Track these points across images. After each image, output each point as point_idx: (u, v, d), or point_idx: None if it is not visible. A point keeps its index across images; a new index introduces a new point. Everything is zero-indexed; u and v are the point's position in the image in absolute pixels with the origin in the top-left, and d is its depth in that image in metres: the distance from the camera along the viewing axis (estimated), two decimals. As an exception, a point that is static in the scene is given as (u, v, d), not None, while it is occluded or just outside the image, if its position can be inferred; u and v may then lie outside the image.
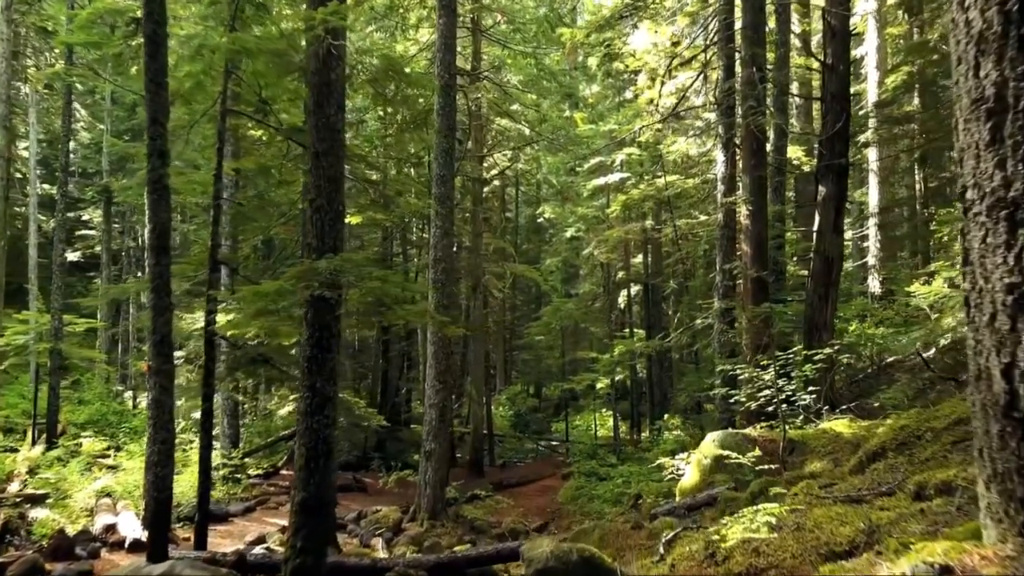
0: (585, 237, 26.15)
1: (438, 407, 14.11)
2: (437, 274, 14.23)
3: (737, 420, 11.89)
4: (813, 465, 7.38)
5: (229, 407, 16.70)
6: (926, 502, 3.32)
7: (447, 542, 13.32)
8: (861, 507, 3.72)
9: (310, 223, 6.90)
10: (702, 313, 15.02)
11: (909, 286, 20.52)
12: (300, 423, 6.79)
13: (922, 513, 3.11)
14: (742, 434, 8.47)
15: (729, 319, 12.76)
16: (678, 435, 21.46)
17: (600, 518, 15.62)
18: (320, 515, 6.65)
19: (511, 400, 35.70)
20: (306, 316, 6.85)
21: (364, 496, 16.49)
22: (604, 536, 7.20)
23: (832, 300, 12.16)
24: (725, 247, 13.13)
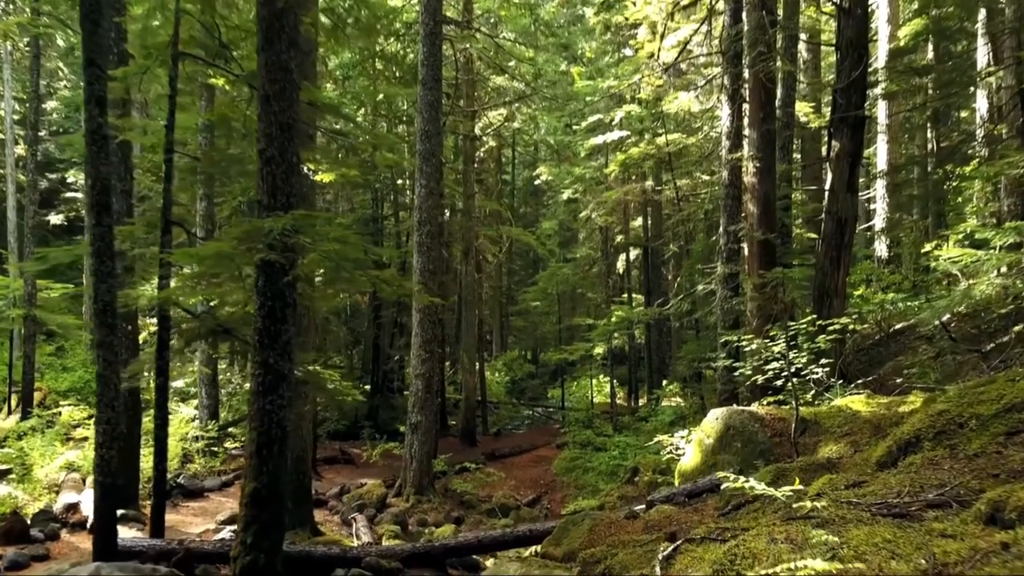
0: (582, 199, 25.19)
1: (424, 377, 13.37)
2: (422, 237, 13.38)
3: (741, 394, 11.14)
4: (828, 448, 6.61)
5: (207, 376, 15.96)
6: (1007, 531, 2.55)
7: (433, 518, 12.70)
8: (911, 526, 2.95)
9: (260, 177, 6.04)
10: (704, 278, 14.18)
11: (920, 249, 19.72)
12: (251, 404, 6.01)
13: (1006, 550, 2.33)
14: (748, 411, 7.70)
15: (733, 285, 11.93)
16: (677, 403, 20.81)
17: (595, 492, 15.01)
18: (274, 507, 5.89)
19: (507, 366, 35.07)
20: (257, 283, 6.02)
21: (351, 469, 15.86)
22: (594, 528, 6.46)
23: (844, 265, 11.32)
24: (730, 208, 12.24)
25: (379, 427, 23.44)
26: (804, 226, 18.50)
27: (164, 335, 8.08)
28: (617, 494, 13.72)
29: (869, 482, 4.23)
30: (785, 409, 7.82)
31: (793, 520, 3.53)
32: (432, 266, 13.37)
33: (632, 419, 19.46)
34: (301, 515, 10.41)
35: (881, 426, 6.69)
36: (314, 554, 7.39)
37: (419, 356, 13.33)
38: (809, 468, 5.91)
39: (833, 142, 11.42)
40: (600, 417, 21.83)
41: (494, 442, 21.16)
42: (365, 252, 6.02)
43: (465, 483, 14.49)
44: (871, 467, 5.10)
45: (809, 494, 4.43)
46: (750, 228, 11.53)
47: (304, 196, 10.53)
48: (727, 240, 12.14)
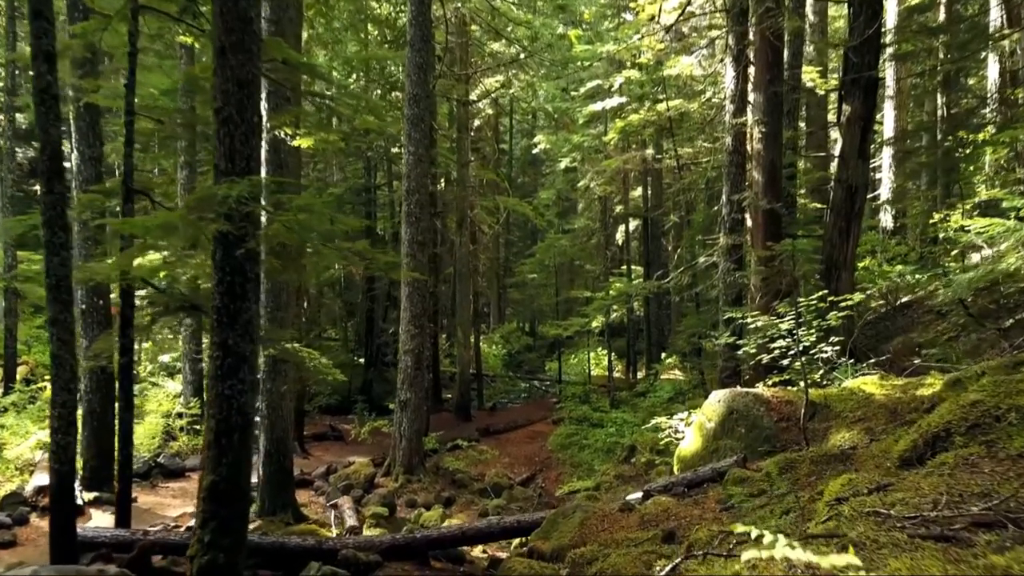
0: (581, 168, 24.49)
1: (413, 353, 12.85)
2: (411, 207, 12.77)
3: (743, 373, 10.62)
4: (841, 435, 6.09)
5: (191, 352, 15.45)
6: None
7: (423, 499, 12.27)
8: (963, 556, 2.43)
9: (216, 139, 5.43)
10: (705, 250, 13.59)
11: (928, 220, 19.09)
12: (209, 389, 5.47)
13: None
14: (752, 394, 7.18)
15: (736, 257, 11.36)
16: (676, 377, 20.35)
17: (591, 471, 14.59)
18: (235, 502, 5.38)
19: (505, 339, 34.61)
20: (214, 256, 5.45)
21: (340, 446, 15.44)
22: (586, 522, 5.97)
23: (854, 235, 10.73)
24: (733, 175, 11.61)
25: (373, 401, 23.01)
26: (809, 195, 17.89)
27: (127, 312, 7.52)
28: (613, 473, 13.28)
29: (895, 485, 3.70)
30: (792, 391, 7.31)
31: (812, 540, 3.00)
32: (421, 237, 12.78)
33: (630, 394, 19.01)
34: (283, 498, 9.97)
35: (898, 411, 6.17)
36: (288, 545, 6.92)
37: (408, 331, 12.80)
38: (821, 459, 5.40)
39: (844, 105, 10.76)
40: (597, 390, 21.39)
41: (489, 417, 20.73)
42: (332, 222, 5.42)
43: (457, 461, 14.05)
44: (893, 462, 4.58)
45: (826, 497, 3.91)
46: (755, 197, 10.93)
47: (283, 163, 9.92)
48: (730, 210, 11.54)
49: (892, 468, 4.45)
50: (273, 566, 7.02)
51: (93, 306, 10.67)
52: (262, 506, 9.91)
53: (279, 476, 9.90)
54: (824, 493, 4.06)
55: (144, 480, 11.73)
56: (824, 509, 3.70)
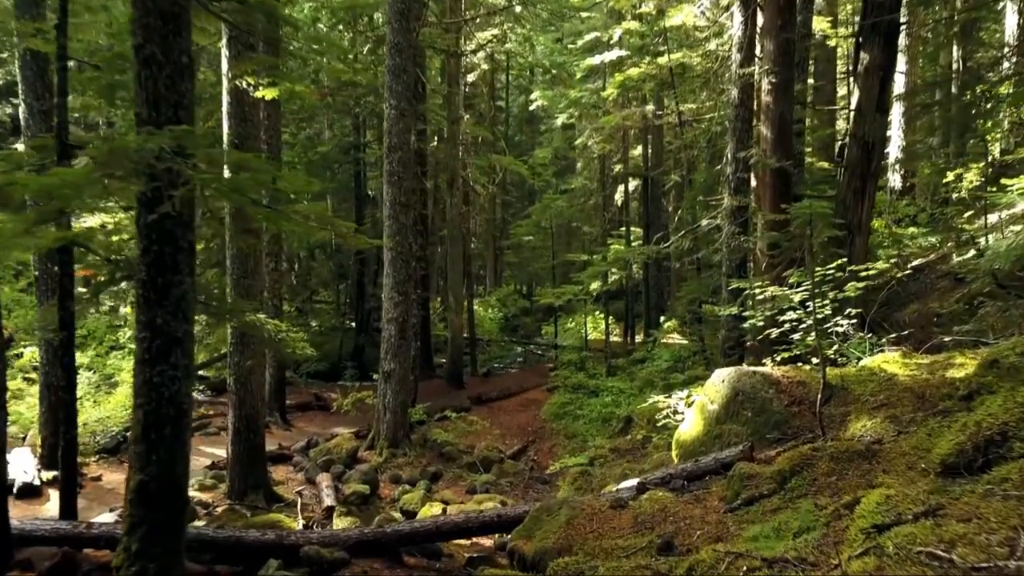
0: (579, 125, 23.50)
1: (397, 322, 12.13)
2: (393, 165, 11.92)
3: (748, 347, 9.91)
4: (861, 423, 5.39)
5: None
6: None
7: (408, 474, 11.66)
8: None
9: (136, 83, 4.61)
10: (707, 212, 12.77)
11: (942, 179, 18.21)
12: (136, 375, 4.73)
13: None
14: (760, 373, 6.46)
15: (741, 220, 10.55)
16: (675, 342, 19.67)
17: (585, 442, 13.98)
18: (169, 504, 4.69)
19: (501, 302, 33.93)
20: (138, 222, 4.67)
21: (324, 416, 14.82)
22: (573, 521, 5.28)
23: (870, 196, 9.95)
24: (739, 131, 10.74)
25: (364, 367, 22.41)
26: (816, 154, 16.99)
27: (66, 281, 6.77)
28: (608, 447, 12.67)
29: (948, 509, 2.97)
30: (805, 370, 6.58)
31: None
32: (404, 198, 11.95)
33: (627, 360, 18.34)
34: (254, 478, 9.32)
35: (926, 396, 5.46)
36: (245, 540, 6.26)
37: (391, 299, 12.05)
38: (841, 455, 4.69)
39: (862, 53, 9.88)
40: (594, 355, 20.75)
41: (482, 384, 20.11)
42: (274, 180, 4.62)
43: (445, 432, 13.41)
44: (932, 467, 3.86)
45: (859, 520, 3.18)
46: (762, 154, 10.08)
47: (247, 117, 9.06)
48: (735, 169, 10.69)
49: (933, 477, 3.73)
50: (231, 560, 6.38)
51: (47, 272, 9.91)
52: (231, 487, 9.28)
53: (249, 455, 9.24)
54: (856, 512, 3.34)
55: (113, 455, 11.11)
56: (860, 538, 2.99)
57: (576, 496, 10.48)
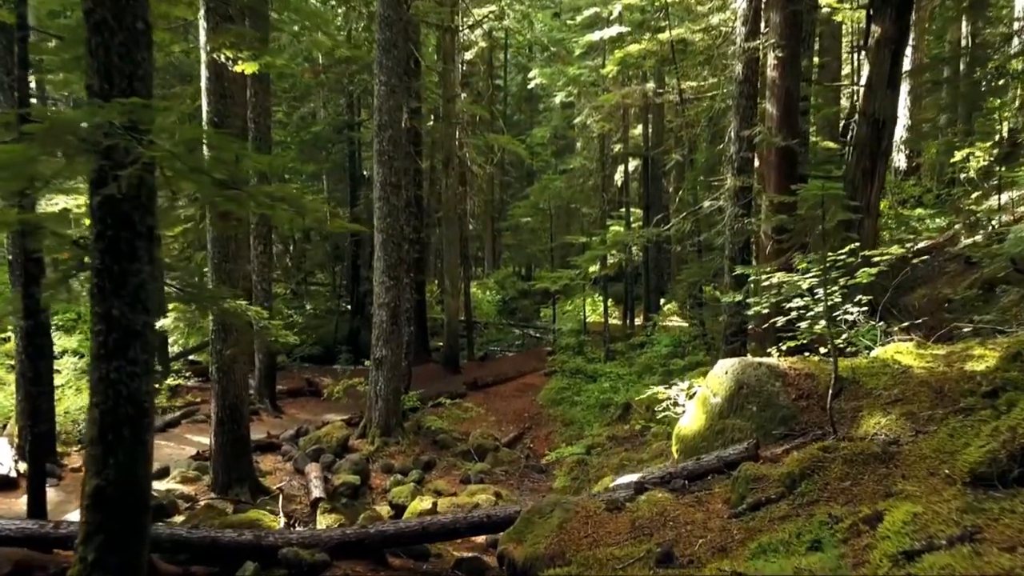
0: (578, 103, 22.98)
1: (389, 307, 11.76)
2: (383, 144, 11.49)
3: (750, 333, 9.54)
4: (875, 420, 5.03)
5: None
6: None
7: (400, 463, 11.35)
8: None
9: (87, 51, 4.20)
10: (709, 193, 12.35)
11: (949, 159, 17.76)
12: (92, 372, 4.37)
13: None
14: (766, 365, 6.10)
15: (745, 201, 10.14)
16: (675, 326, 19.32)
17: (583, 429, 13.66)
18: (128, 510, 4.34)
19: (499, 284, 33.57)
20: (91, 205, 4.28)
21: (316, 403, 14.49)
22: (566, 525, 4.94)
23: (879, 176, 9.55)
24: (743, 108, 10.29)
25: (359, 351, 22.03)
26: (820, 132, 16.53)
27: (31, 266, 6.39)
28: (606, 435, 12.36)
29: (987, 532, 2.62)
30: (813, 361, 6.22)
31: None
32: (395, 178, 11.53)
33: (626, 345, 18.00)
34: (238, 470, 9.00)
35: (945, 391, 5.10)
36: (221, 540, 5.93)
37: (383, 283, 11.67)
38: (856, 458, 4.33)
39: (873, 26, 9.44)
40: (593, 338, 20.42)
41: (479, 368, 19.80)
42: (237, 159, 4.22)
43: (440, 420, 13.10)
44: (959, 475, 3.50)
45: (883, 542, 2.83)
46: (768, 133, 9.65)
47: (227, 93, 8.62)
48: (739, 148, 10.25)
49: (961, 488, 3.37)
50: (208, 561, 6.06)
51: (23, 255, 9.51)
52: (215, 480, 8.96)
53: (234, 446, 8.91)
54: (878, 531, 2.98)
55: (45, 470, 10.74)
56: (885, 565, 2.64)
57: (571, 491, 10.20)
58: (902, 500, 3.49)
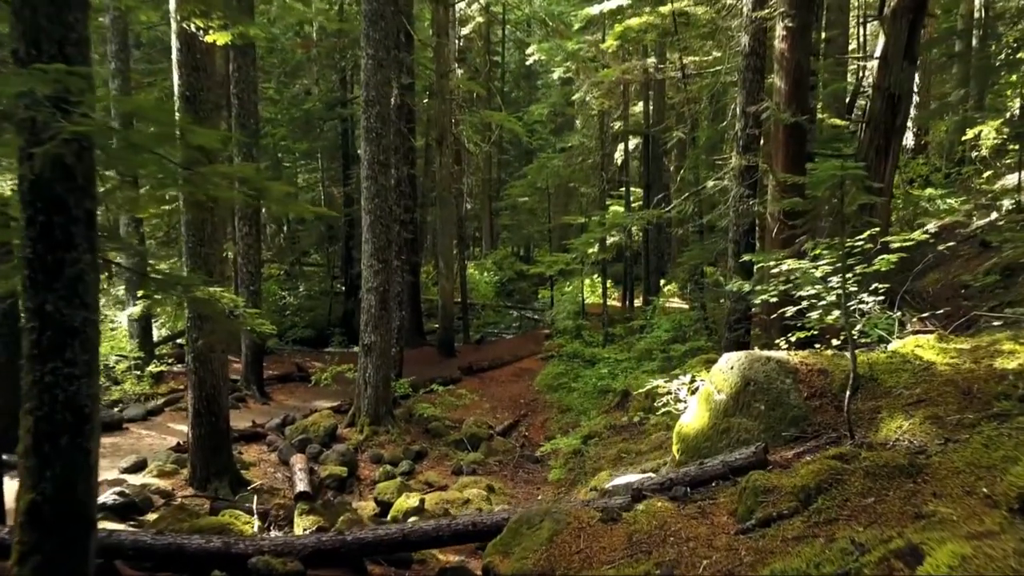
0: (576, 79, 22.33)
1: (378, 292, 11.29)
2: (371, 120, 10.95)
3: (756, 320, 9.08)
4: (897, 424, 4.59)
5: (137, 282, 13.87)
6: None
7: (390, 453, 10.94)
8: None
9: (10, 12, 3.70)
10: (711, 172, 11.82)
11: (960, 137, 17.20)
12: (24, 374, 3.91)
13: None
14: (775, 360, 5.64)
15: (751, 181, 9.62)
16: (675, 306, 18.88)
17: (580, 416, 13.24)
18: (68, 528, 3.90)
19: (497, 264, 33.04)
20: (20, 186, 3.80)
21: (305, 389, 14.05)
22: (557, 538, 4.51)
23: (894, 154, 9.04)
24: (749, 83, 9.75)
25: (352, 333, 21.56)
26: (827, 109, 15.94)
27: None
28: (604, 423, 11.93)
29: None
30: (826, 356, 5.75)
31: None
32: (384, 156, 11.00)
33: (625, 328, 17.56)
34: (217, 463, 8.59)
35: (973, 392, 4.64)
36: (187, 548, 5.51)
37: (371, 267, 11.20)
38: (878, 471, 3.88)
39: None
40: (591, 322, 19.98)
41: (474, 352, 19.36)
42: (181, 135, 3.72)
43: (432, 407, 12.67)
44: (1005, 499, 3.06)
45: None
46: (776, 108, 9.12)
47: (198, 66, 8.08)
48: (745, 124, 9.72)
49: (1006, 514, 2.92)
50: (174, 567, 5.64)
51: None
52: (193, 474, 8.55)
53: (211, 439, 8.49)
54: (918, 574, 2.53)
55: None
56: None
57: (567, 484, 9.80)
58: (937, 527, 3.04)
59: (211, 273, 8.23)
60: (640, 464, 9.21)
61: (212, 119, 8.17)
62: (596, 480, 8.85)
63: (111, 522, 6.92)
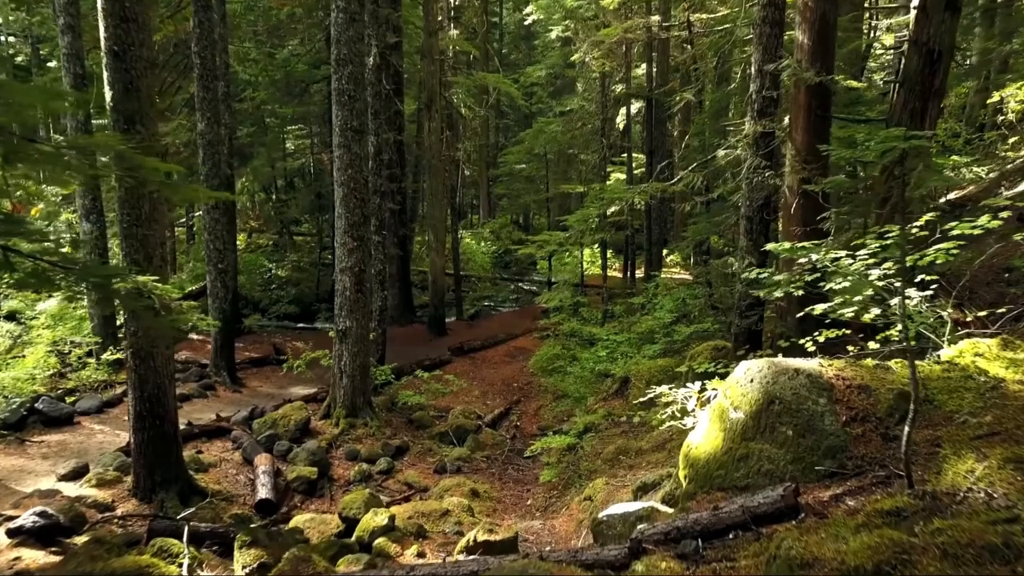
0: (575, 39, 21.02)
1: (353, 272, 10.27)
2: (343, 82, 9.82)
3: (773, 306, 8.05)
4: (965, 464, 3.59)
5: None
6: None
7: (367, 449, 10.04)
8: None
9: None
10: (721, 139, 10.69)
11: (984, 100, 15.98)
12: None
13: None
14: (805, 371, 4.62)
15: (767, 150, 8.52)
16: (678, 277, 17.85)
17: (576, 404, 12.29)
18: None
19: (495, 234, 31.97)
20: None
21: (282, 373, 13.10)
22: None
23: (931, 120, 7.91)
24: (767, 38, 8.58)
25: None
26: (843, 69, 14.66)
27: None
28: (602, 412, 11.02)
29: None
30: (867, 368, 4.72)
31: None
32: (358, 122, 9.88)
33: (626, 304, 16.57)
34: (164, 471, 7.65)
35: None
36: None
37: (344, 245, 10.16)
38: (961, 554, 2.89)
39: (930, -67, 7.67)
40: (590, 297, 18.99)
41: (467, 329, 18.41)
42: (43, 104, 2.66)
43: (417, 395, 11.74)
44: None
45: None
46: (798, 66, 7.98)
47: (128, 17, 6.95)
48: (761, 85, 8.56)
49: None
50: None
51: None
52: (136, 484, 7.62)
53: (157, 445, 7.54)
54: None
55: (15, 431, 9.42)
56: None
57: (559, 487, 8.87)
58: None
59: (150, 257, 7.21)
60: (640, 469, 8.27)
61: (147, 78, 7.06)
62: (591, 489, 7.93)
63: (29, 548, 6.01)
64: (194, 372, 12.70)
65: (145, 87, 7.10)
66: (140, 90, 7.04)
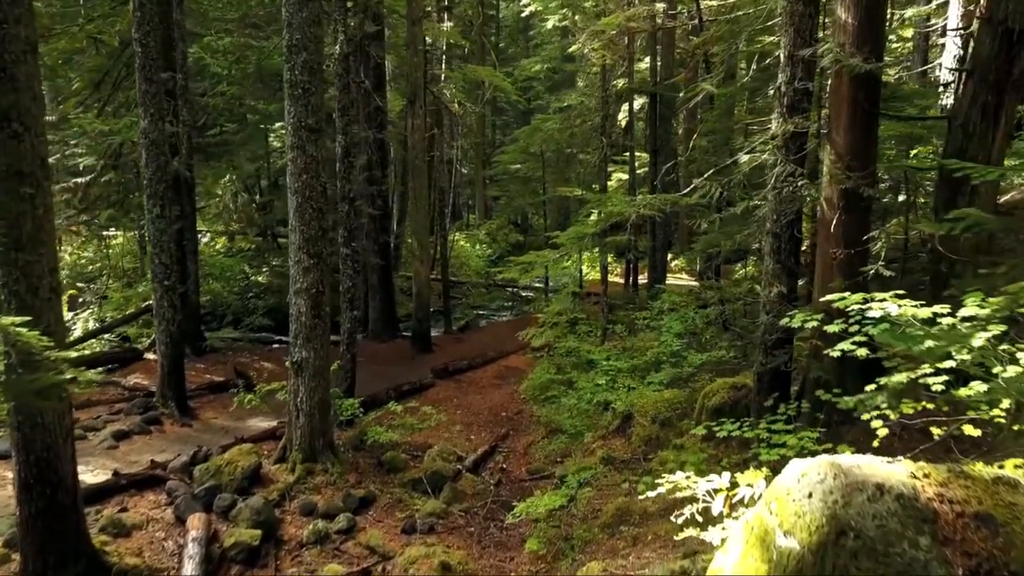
0: (573, 29, 19.56)
1: (308, 295, 8.82)
2: (295, 72, 8.35)
3: (809, 347, 6.54)
4: None
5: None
6: None
7: (325, 502, 8.58)
8: None
9: None
10: (747, 141, 9.21)
11: None
12: None
13: None
14: (891, 490, 3.13)
15: (799, 154, 7.04)
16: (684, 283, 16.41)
17: (572, 441, 10.82)
18: None
19: (491, 236, 30.54)
20: None
21: (240, 405, 11.65)
22: None
23: (1008, 116, 6.45)
24: (799, 18, 7.08)
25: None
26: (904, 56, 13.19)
27: None
28: (601, 454, 9.58)
29: None
30: (980, 479, 3.24)
31: None
32: (314, 120, 8.40)
33: (627, 316, 15.11)
34: (61, 547, 6.22)
35: None
36: None
37: (299, 263, 8.70)
38: None
39: None
40: (589, 301, 17.57)
41: (456, 344, 16.95)
42: None
43: (389, 431, 10.27)
44: None
45: None
46: (839, 51, 6.49)
47: None
48: (791, 76, 7.06)
49: None
50: None
51: None
52: (24, 568, 6.18)
53: (49, 519, 6.10)
54: None
55: None
56: None
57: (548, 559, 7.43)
58: None
59: (34, 289, 5.78)
60: (645, 547, 6.82)
61: (27, 64, 5.61)
62: (585, 571, 6.49)
63: None
64: (138, 403, 11.25)
65: (25, 75, 5.66)
66: (18, 79, 5.61)
